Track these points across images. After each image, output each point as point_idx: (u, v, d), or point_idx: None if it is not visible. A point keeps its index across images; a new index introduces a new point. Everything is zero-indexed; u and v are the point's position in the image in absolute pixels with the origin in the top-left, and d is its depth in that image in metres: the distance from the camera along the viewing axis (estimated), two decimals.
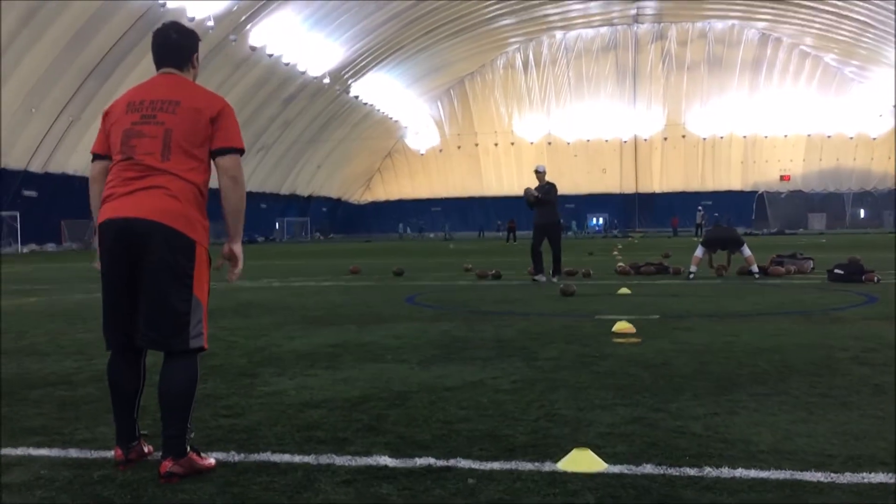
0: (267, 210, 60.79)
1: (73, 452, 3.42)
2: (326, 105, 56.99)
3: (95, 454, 3.39)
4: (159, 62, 3.41)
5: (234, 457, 3.31)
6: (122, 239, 3.11)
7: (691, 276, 13.22)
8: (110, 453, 3.31)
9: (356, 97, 60.09)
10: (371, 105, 63.81)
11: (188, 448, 3.07)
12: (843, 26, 56.39)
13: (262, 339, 6.82)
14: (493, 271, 14.68)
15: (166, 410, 3.08)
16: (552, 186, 13.85)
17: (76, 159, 39.98)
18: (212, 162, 3.36)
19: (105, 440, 3.56)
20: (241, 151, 3.50)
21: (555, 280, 13.16)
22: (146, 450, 3.26)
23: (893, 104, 64.42)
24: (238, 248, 3.53)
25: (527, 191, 13.68)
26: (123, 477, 3.06)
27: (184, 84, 3.37)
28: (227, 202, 3.46)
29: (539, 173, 14.05)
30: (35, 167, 39.04)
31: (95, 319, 8.53)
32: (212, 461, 3.17)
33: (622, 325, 6.84)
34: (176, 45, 3.41)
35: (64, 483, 2.99)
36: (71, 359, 5.96)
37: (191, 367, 3.14)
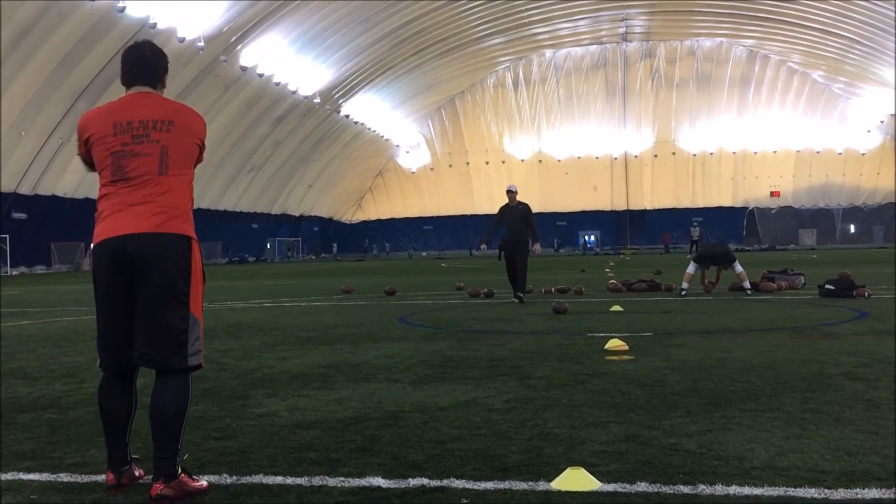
0: (258, 230, 60.72)
1: (64, 477, 3.40)
2: (317, 125, 57.14)
3: (86, 478, 3.36)
4: (132, 79, 3.39)
5: (226, 479, 3.29)
6: (118, 257, 3.12)
7: (683, 292, 13.25)
8: (101, 477, 3.29)
9: (347, 116, 60.23)
10: (362, 124, 63.95)
11: (179, 470, 3.05)
12: (829, 43, 56.91)
13: (253, 361, 6.79)
14: (486, 290, 14.66)
15: (158, 431, 3.06)
16: (527, 208, 13.61)
17: (66, 181, 39.94)
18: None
19: (96, 464, 3.54)
20: None
21: (514, 300, 12.79)
22: (137, 473, 3.24)
23: (881, 120, 64.95)
24: None
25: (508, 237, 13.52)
26: (114, 501, 3.03)
27: (169, 103, 3.39)
28: None
29: (511, 193, 13.74)
30: (24, 189, 38.96)
31: (85, 342, 8.49)
32: (204, 483, 3.15)
33: (615, 343, 6.85)
34: (151, 63, 3.41)
35: None
36: (61, 382, 5.92)
37: (184, 385, 3.13)
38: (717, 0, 56.14)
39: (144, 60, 3.42)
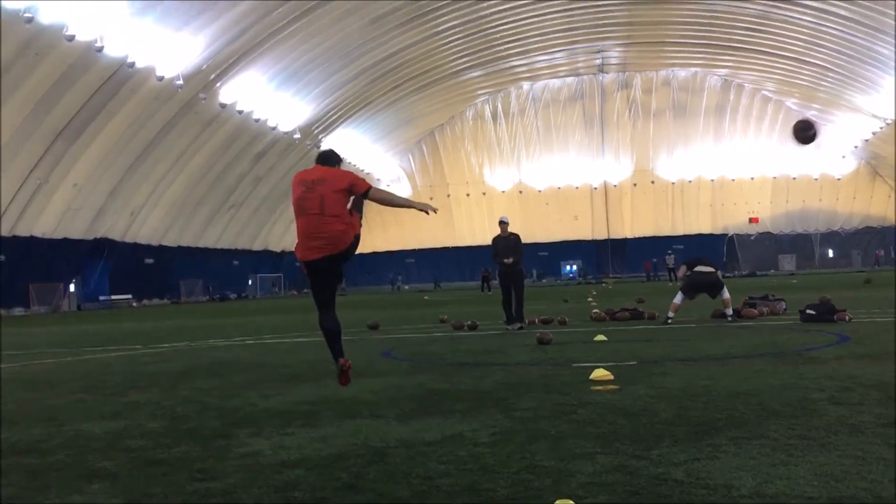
0: (239, 266, 60.42)
1: None
2: (297, 160, 57.19)
3: None
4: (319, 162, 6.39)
5: None
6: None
7: (669, 321, 13.21)
8: None
9: None
10: (343, 159, 64.11)
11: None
12: (802, 71, 57.87)
13: (236, 399, 6.71)
14: (469, 322, 14.64)
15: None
16: (518, 238, 14.11)
17: (44, 222, 39.55)
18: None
19: None
20: (369, 189, 6.18)
21: (514, 328, 13.22)
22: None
23: (855, 145, 65.97)
24: (410, 202, 6.39)
25: (504, 259, 13.91)
26: None
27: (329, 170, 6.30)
28: (388, 204, 6.47)
29: (503, 224, 14.30)
30: (2, 230, 38.58)
31: (65, 384, 8.38)
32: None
33: (600, 373, 6.84)
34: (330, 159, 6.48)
35: None
36: (40, 426, 5.82)
37: None
38: (690, 31, 57.03)
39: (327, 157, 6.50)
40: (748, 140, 70.23)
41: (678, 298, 13.50)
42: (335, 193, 5.99)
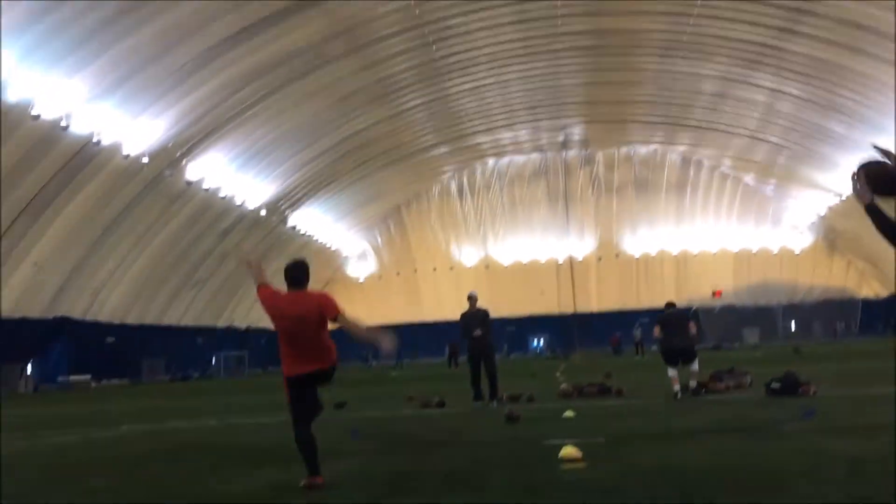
0: (203, 345, 59.40)
1: None
2: (263, 236, 57.09)
3: None
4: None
5: None
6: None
7: (678, 396, 12.85)
8: None
9: (293, 228, 60.36)
10: (309, 235, 64.10)
11: None
12: (757, 149, 59.56)
13: (198, 485, 6.52)
14: (437, 399, 14.48)
15: None
16: (486, 313, 14.15)
17: (4, 301, 38.71)
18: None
19: None
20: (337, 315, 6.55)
21: (494, 404, 13.15)
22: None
23: (812, 221, 67.57)
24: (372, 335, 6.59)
25: (473, 333, 13.91)
26: None
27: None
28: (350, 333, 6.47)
29: (472, 299, 14.34)
30: None
31: (19, 470, 8.07)
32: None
33: (568, 451, 6.77)
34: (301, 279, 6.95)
35: None
36: None
37: None
38: (649, 109, 58.61)
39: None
40: (709, 215, 71.64)
41: (671, 372, 13.21)
42: (317, 323, 6.65)
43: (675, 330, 13.66)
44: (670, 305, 14.52)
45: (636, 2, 41.28)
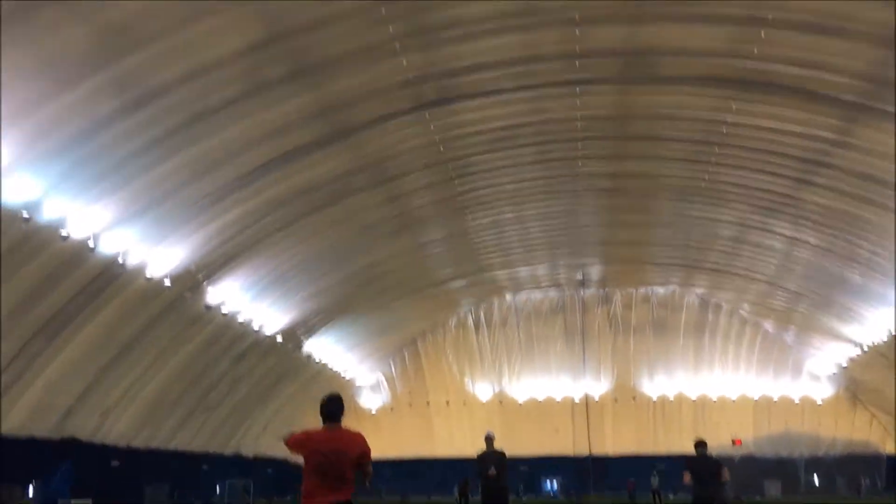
0: (208, 472, 58.15)
1: None
2: (277, 362, 56.84)
3: None
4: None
5: None
6: None
7: None
8: None
9: (308, 355, 60.15)
10: (323, 363, 63.76)
11: None
12: (777, 295, 59.44)
13: None
14: None
15: None
16: (503, 455, 13.88)
17: (12, 420, 38.30)
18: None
19: None
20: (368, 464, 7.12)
21: None
22: None
23: (833, 371, 66.45)
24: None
25: (488, 472, 13.64)
26: None
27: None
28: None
29: (489, 440, 14.12)
30: None
31: None
32: None
33: None
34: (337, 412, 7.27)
35: None
36: None
37: None
38: (667, 252, 59.08)
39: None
40: (728, 359, 70.79)
41: None
42: (351, 464, 7.25)
43: (707, 477, 12.74)
44: (701, 445, 13.36)
45: (655, 147, 42.39)
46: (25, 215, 28.35)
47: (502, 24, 30.95)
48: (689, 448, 14.51)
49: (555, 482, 69.48)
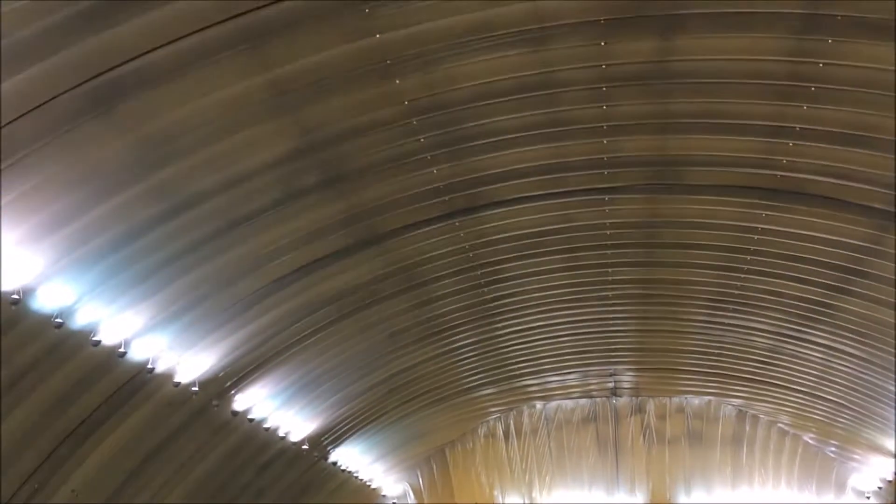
0: None
1: None
2: (303, 472, 55.73)
3: None
4: None
5: None
6: None
7: None
8: None
9: (335, 464, 59.02)
10: (349, 472, 62.50)
11: None
12: (816, 406, 57.70)
13: None
14: None
15: None
16: None
17: None
18: None
19: None
20: None
21: None
22: None
23: (879, 486, 63.79)
24: None
25: None
26: None
27: None
28: None
29: None
30: None
31: None
32: None
33: None
34: None
35: None
36: None
37: None
38: (701, 360, 57.97)
39: None
40: (768, 473, 68.32)
41: None
42: None
43: None
44: None
45: (686, 254, 42.25)
46: (59, 321, 28.61)
47: (531, 135, 31.56)
48: None
49: None
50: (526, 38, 25.53)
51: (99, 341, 32.23)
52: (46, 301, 27.67)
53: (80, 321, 31.02)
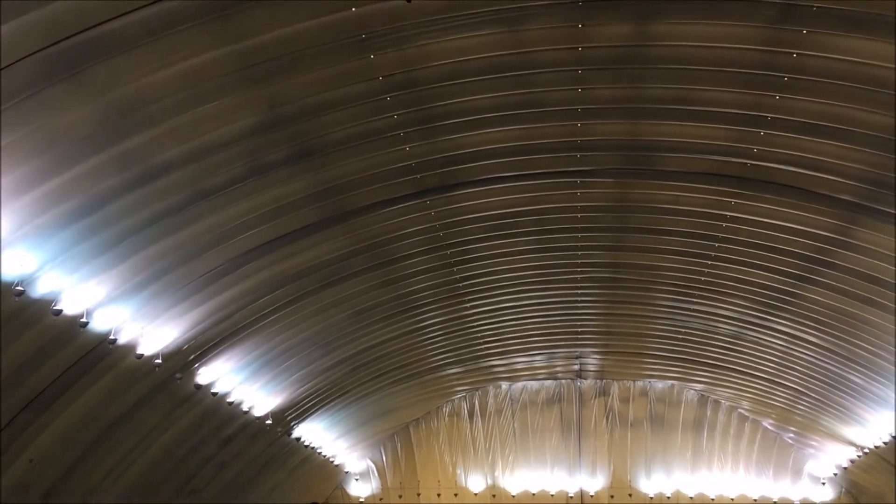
0: None
1: None
2: (266, 447, 55.53)
3: None
4: None
5: None
6: None
7: None
8: None
9: (298, 439, 58.84)
10: (313, 447, 62.39)
11: None
12: (777, 392, 58.60)
13: None
14: None
15: None
16: None
17: None
18: None
19: None
20: None
21: None
22: None
23: (835, 472, 65.08)
24: None
25: None
26: None
27: None
28: None
29: None
30: None
31: None
32: None
33: None
34: None
35: None
36: None
37: None
38: (666, 344, 58.50)
39: None
40: (727, 457, 69.33)
41: None
42: None
43: None
44: None
45: (655, 240, 42.47)
46: (19, 289, 28.05)
47: (505, 115, 31.37)
48: None
49: None
50: (502, 18, 25.29)
51: (60, 310, 31.68)
52: (7, 268, 27.08)
53: (41, 290, 30.44)
